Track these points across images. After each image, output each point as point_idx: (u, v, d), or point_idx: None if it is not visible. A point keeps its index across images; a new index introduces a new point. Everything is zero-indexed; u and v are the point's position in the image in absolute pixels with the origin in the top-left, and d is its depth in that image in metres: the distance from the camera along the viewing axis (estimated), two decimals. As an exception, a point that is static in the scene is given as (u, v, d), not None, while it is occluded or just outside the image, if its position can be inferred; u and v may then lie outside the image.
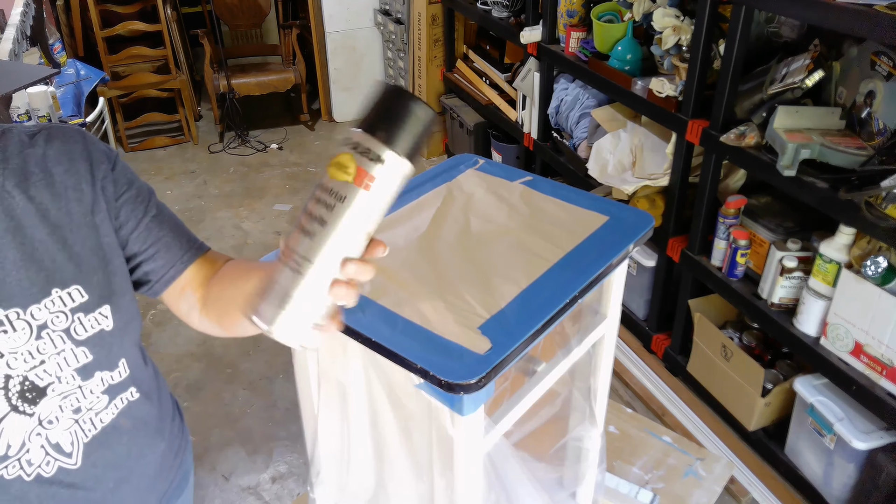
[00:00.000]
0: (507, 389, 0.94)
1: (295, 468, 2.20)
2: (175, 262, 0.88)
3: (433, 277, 0.89)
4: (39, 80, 0.76)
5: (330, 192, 0.53)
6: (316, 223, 0.53)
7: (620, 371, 2.47)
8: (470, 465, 0.83)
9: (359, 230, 0.54)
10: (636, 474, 1.43)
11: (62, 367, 0.78)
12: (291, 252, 0.54)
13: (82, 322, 0.79)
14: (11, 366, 0.74)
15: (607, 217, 1.01)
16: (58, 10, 4.16)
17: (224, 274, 0.87)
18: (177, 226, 0.90)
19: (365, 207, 0.54)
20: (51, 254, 0.76)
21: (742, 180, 2.17)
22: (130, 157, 4.28)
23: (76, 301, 0.78)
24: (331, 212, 0.53)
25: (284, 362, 2.61)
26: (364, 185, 0.53)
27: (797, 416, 1.91)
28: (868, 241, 1.65)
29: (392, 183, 0.55)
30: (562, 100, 2.79)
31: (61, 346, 0.78)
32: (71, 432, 0.82)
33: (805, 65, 1.75)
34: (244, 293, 0.75)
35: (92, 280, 0.80)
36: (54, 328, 0.77)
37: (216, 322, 0.87)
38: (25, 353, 0.75)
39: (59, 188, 0.77)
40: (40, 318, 0.75)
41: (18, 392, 0.76)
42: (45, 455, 0.80)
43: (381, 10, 4.29)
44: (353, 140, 0.54)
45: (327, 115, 4.70)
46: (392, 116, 0.54)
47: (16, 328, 0.74)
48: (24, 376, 0.76)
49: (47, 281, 0.76)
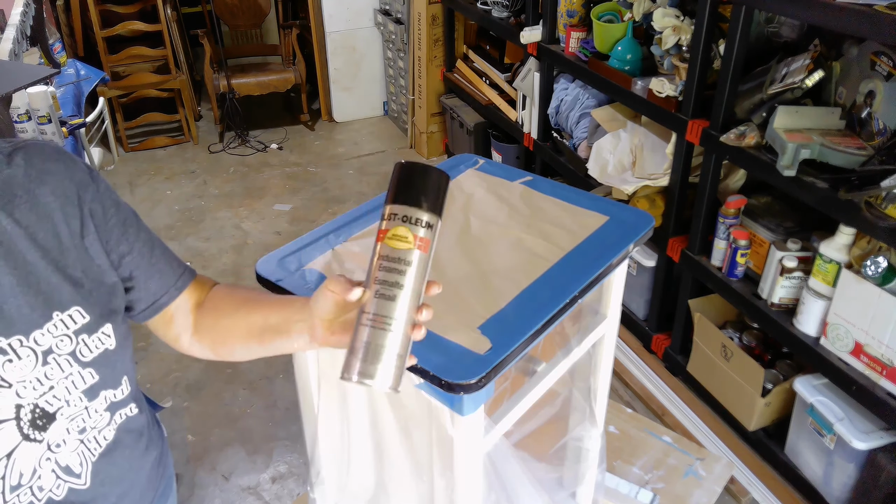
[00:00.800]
0: (507, 389, 0.94)
1: (295, 468, 2.20)
2: (168, 288, 0.87)
3: (433, 277, 0.89)
4: (39, 80, 0.76)
5: (398, 261, 0.65)
6: (394, 288, 0.65)
7: (620, 371, 2.47)
8: (470, 465, 0.83)
9: (423, 282, 0.67)
10: (636, 474, 1.43)
11: (70, 390, 0.77)
12: (377, 316, 0.65)
13: (87, 343, 0.77)
14: (21, 395, 0.72)
15: (607, 217, 1.01)
16: (58, 10, 4.16)
17: (217, 304, 0.89)
18: (165, 250, 0.89)
19: (425, 264, 0.67)
20: (46, 277, 0.74)
21: (742, 180, 2.17)
22: (130, 157, 4.28)
23: (78, 323, 0.77)
24: (403, 276, 0.65)
25: (284, 362, 2.61)
26: (421, 248, 0.66)
27: (797, 416, 1.91)
28: (868, 241, 1.65)
29: (436, 238, 0.68)
30: (562, 100, 2.79)
31: (68, 369, 0.76)
32: (78, 453, 0.81)
33: (805, 65, 1.75)
34: (247, 325, 0.83)
35: (90, 300, 0.78)
36: (60, 352, 0.75)
37: (209, 348, 0.90)
38: (34, 380, 0.73)
39: (44, 210, 0.74)
40: (44, 343, 0.73)
41: (30, 421, 0.74)
42: (56, 479, 0.79)
43: (381, 10, 4.29)
44: (399, 214, 0.66)
45: (327, 115, 4.70)
46: (424, 189, 0.67)
47: (20, 356, 0.72)
48: (34, 404, 0.74)
49: (47, 305, 0.74)
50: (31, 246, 0.73)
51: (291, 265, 0.93)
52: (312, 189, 3.91)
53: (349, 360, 0.66)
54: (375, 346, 0.65)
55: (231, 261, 3.26)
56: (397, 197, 0.66)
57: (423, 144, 4.16)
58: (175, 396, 2.48)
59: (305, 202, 3.77)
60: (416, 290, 0.66)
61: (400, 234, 0.65)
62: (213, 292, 0.90)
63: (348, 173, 4.08)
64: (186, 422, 2.37)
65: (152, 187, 3.94)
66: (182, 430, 2.34)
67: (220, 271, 3.18)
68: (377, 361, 0.65)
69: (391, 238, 0.65)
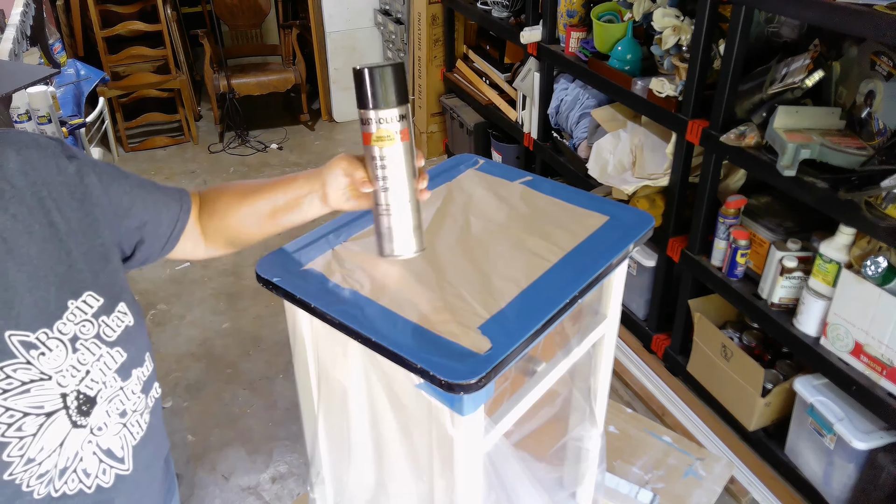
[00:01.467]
0: (507, 389, 0.94)
1: (295, 468, 2.20)
2: (178, 215, 0.93)
3: (433, 277, 0.89)
4: (39, 80, 0.76)
5: (389, 157, 0.77)
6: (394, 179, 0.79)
7: (620, 371, 2.47)
8: (470, 465, 0.83)
9: (413, 159, 0.80)
10: (636, 474, 1.42)
11: (104, 372, 0.78)
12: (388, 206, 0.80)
13: (108, 324, 0.79)
14: (62, 384, 0.74)
15: (607, 217, 1.01)
16: (58, 10, 4.16)
17: (217, 207, 0.95)
18: (154, 184, 0.93)
19: (410, 147, 0.79)
20: (51, 267, 0.74)
21: (742, 180, 2.17)
22: (130, 156, 4.28)
23: (94, 306, 0.78)
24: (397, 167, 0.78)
25: (284, 362, 2.61)
26: (403, 137, 0.78)
27: (797, 416, 1.91)
28: (868, 241, 1.65)
29: (410, 116, 0.79)
30: (562, 100, 2.79)
31: (98, 351, 0.77)
32: (120, 436, 0.82)
33: (805, 65, 1.75)
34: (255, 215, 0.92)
35: (99, 282, 0.79)
36: (85, 337, 0.76)
37: (223, 247, 0.99)
38: (70, 368, 0.74)
39: (32, 201, 0.74)
40: (68, 331, 0.75)
41: (76, 408, 0.75)
42: (100, 463, 0.80)
43: (381, 10, 4.29)
44: (374, 118, 0.76)
45: (327, 115, 4.70)
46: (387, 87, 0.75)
47: (50, 347, 0.73)
48: (76, 390, 0.75)
49: (60, 295, 0.75)
50: (30, 240, 0.73)
51: (291, 265, 0.93)
52: (312, 189, 3.90)
53: (380, 243, 0.83)
54: (395, 228, 0.81)
55: (231, 261, 3.26)
56: (368, 103, 0.76)
57: (424, 144, 4.16)
58: (175, 396, 2.48)
59: (305, 202, 3.77)
60: (410, 170, 0.80)
61: (382, 135, 0.77)
62: (207, 197, 0.96)
63: (348, 173, 4.07)
64: (186, 422, 2.37)
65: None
66: (182, 430, 2.34)
67: (220, 271, 3.18)
68: (401, 238, 0.82)
69: (377, 140, 0.77)
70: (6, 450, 0.69)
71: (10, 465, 0.70)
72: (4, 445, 0.69)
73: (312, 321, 0.93)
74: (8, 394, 0.69)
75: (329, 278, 0.89)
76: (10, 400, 0.69)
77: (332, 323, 0.83)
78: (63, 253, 0.76)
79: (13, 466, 0.70)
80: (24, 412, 0.70)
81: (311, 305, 0.85)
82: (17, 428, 0.70)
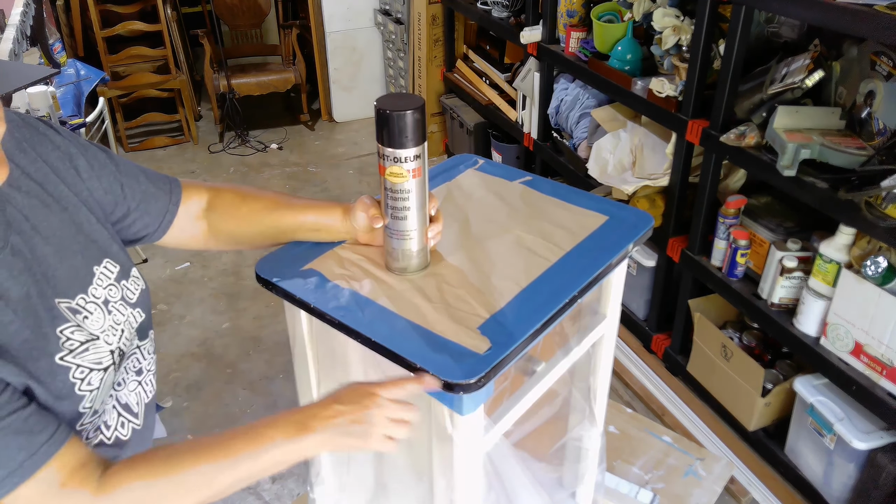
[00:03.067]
0: (507, 389, 0.94)
1: (295, 468, 2.20)
2: (167, 206, 0.94)
3: (433, 277, 0.89)
4: (39, 80, 0.76)
5: (399, 191, 0.83)
6: (403, 211, 0.84)
7: (620, 371, 2.47)
8: (470, 464, 0.83)
9: (425, 195, 0.85)
10: (636, 474, 1.42)
11: (131, 330, 0.85)
12: (396, 231, 0.86)
13: (128, 287, 0.86)
14: (109, 342, 0.81)
15: (607, 217, 1.01)
16: (58, 10, 4.16)
17: (238, 211, 0.97)
18: (145, 171, 0.94)
19: (422, 184, 0.84)
20: (72, 239, 0.79)
21: (742, 180, 2.17)
22: (130, 156, 4.28)
23: (113, 272, 0.84)
24: (406, 201, 0.83)
25: (284, 362, 2.61)
26: (416, 175, 0.82)
27: (797, 416, 1.91)
28: (868, 241, 1.65)
29: (425, 154, 0.82)
30: (562, 100, 2.79)
31: (126, 312, 0.85)
32: (136, 393, 0.88)
33: (805, 65, 1.75)
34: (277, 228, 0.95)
35: (112, 251, 0.85)
36: (114, 299, 0.83)
37: (229, 246, 1.01)
38: (109, 328, 0.81)
39: (37, 176, 0.78)
40: (100, 295, 0.81)
41: (120, 363, 0.83)
42: (118, 416, 0.85)
43: (381, 10, 4.29)
44: (390, 155, 0.80)
45: (327, 115, 4.70)
46: (405, 129, 0.79)
47: (90, 311, 0.79)
48: (118, 347, 0.82)
49: (85, 263, 0.80)
50: (49, 213, 0.78)
51: (291, 265, 0.93)
52: (312, 189, 3.91)
53: (388, 262, 0.89)
54: (402, 250, 0.87)
55: (231, 261, 3.26)
56: (384, 140, 0.80)
57: (423, 144, 4.15)
58: (175, 396, 2.48)
59: (305, 202, 3.77)
60: (421, 204, 0.84)
61: (395, 171, 0.81)
62: (226, 199, 0.97)
63: (348, 173, 4.08)
64: (186, 422, 2.37)
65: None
66: (182, 430, 2.34)
67: (220, 271, 3.18)
68: (405, 260, 0.88)
69: (389, 175, 0.82)
70: (82, 402, 0.76)
71: (83, 415, 0.76)
72: (81, 398, 0.76)
73: (312, 321, 0.93)
74: (74, 353, 0.75)
75: (329, 278, 0.89)
76: (77, 358, 0.75)
77: (332, 323, 0.83)
78: (75, 225, 0.81)
79: (84, 417, 0.77)
80: (91, 367, 0.77)
81: (311, 305, 0.85)
82: (87, 382, 0.76)
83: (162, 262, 3.24)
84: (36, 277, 0.73)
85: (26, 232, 0.74)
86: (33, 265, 0.74)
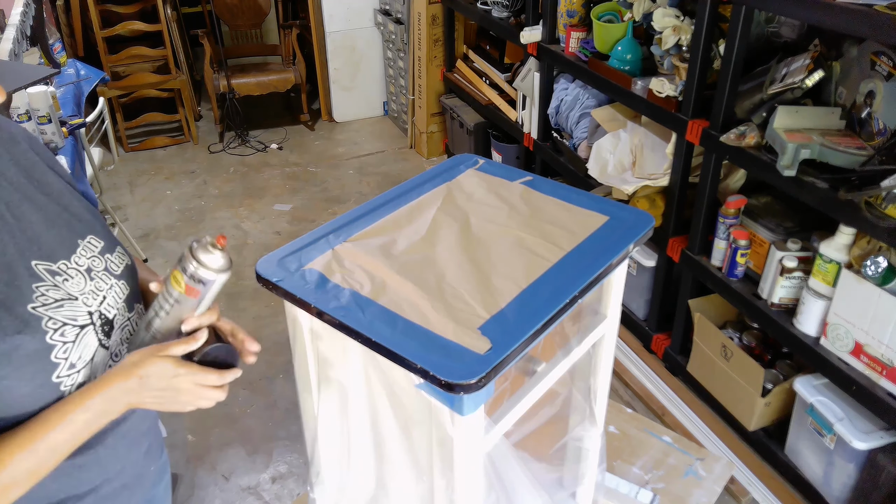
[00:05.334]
0: (507, 389, 0.94)
1: (295, 468, 2.20)
2: None
3: (433, 277, 0.89)
4: (39, 80, 0.77)
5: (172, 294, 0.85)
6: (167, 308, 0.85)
7: (620, 371, 2.47)
8: (470, 465, 0.83)
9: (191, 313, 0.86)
10: (636, 474, 1.42)
11: (117, 300, 0.90)
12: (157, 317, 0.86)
13: (112, 260, 0.91)
14: (87, 304, 0.85)
15: (607, 217, 1.01)
16: (58, 10, 4.16)
17: None
18: None
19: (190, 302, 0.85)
20: (59, 213, 0.87)
21: (742, 180, 2.17)
22: (130, 156, 4.28)
23: (98, 246, 0.90)
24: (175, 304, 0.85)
25: (284, 362, 2.61)
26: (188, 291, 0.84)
27: (797, 416, 1.91)
28: (868, 241, 1.65)
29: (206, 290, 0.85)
30: (562, 100, 2.79)
31: (109, 281, 0.89)
32: None
33: (805, 65, 1.75)
34: None
35: (96, 229, 0.91)
36: (97, 269, 0.88)
37: None
38: (89, 292, 0.86)
39: (23, 163, 0.86)
40: (83, 263, 0.87)
41: (101, 326, 0.86)
42: None
43: (381, 10, 4.29)
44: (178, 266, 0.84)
45: (327, 115, 4.70)
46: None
47: (71, 276, 0.84)
48: (98, 311, 0.86)
49: (70, 234, 0.87)
50: (37, 191, 0.86)
51: (291, 265, 0.93)
52: (312, 189, 3.91)
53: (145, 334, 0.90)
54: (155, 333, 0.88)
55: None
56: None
57: (423, 144, 4.16)
58: (175, 396, 2.48)
59: (305, 202, 3.77)
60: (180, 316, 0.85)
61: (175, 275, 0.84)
62: None
63: (348, 173, 4.08)
64: (186, 422, 2.37)
65: (152, 187, 3.94)
66: (182, 430, 2.34)
67: (220, 271, 3.17)
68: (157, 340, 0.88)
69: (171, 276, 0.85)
70: (54, 350, 0.80)
71: (57, 366, 0.81)
72: (52, 347, 0.80)
73: (312, 321, 0.93)
74: (48, 307, 0.81)
75: (329, 278, 0.89)
76: (50, 311, 0.81)
77: (332, 323, 0.83)
78: (63, 204, 0.88)
79: (59, 368, 0.81)
80: (63, 322, 0.82)
81: (311, 305, 0.85)
82: (61, 333, 0.81)
83: (162, 262, 3.24)
84: (17, 239, 0.81)
85: (14, 202, 0.82)
86: (15, 229, 0.81)
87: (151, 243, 3.40)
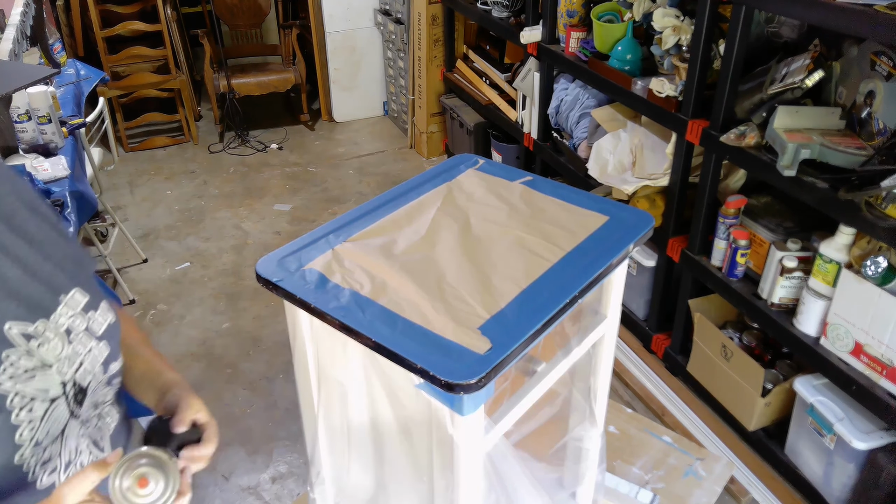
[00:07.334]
0: (507, 389, 0.94)
1: (295, 468, 2.20)
2: None
3: (433, 277, 0.89)
4: (39, 80, 0.76)
5: None
6: None
7: (620, 371, 2.47)
8: (470, 465, 0.83)
9: None
10: (636, 474, 1.42)
11: (94, 363, 0.82)
12: None
13: (95, 318, 0.83)
14: (63, 372, 0.77)
15: (607, 217, 1.01)
16: (58, 10, 4.16)
17: None
18: None
19: None
20: (40, 266, 0.78)
21: (742, 180, 2.17)
22: (130, 156, 4.28)
23: (81, 301, 0.81)
24: None
25: (284, 362, 2.61)
26: None
27: (797, 416, 1.91)
28: (868, 241, 1.65)
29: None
30: (562, 100, 2.79)
31: (89, 343, 0.81)
32: (100, 427, 0.86)
33: (805, 65, 1.75)
34: None
35: (81, 280, 0.83)
36: (77, 330, 0.80)
37: None
38: (66, 358, 0.78)
39: (5, 210, 0.77)
40: (63, 323, 0.78)
41: (73, 396, 0.79)
42: (90, 454, 0.83)
43: (381, 10, 4.30)
44: None
45: (327, 115, 4.70)
46: None
47: (49, 338, 0.76)
48: (73, 380, 0.79)
49: (52, 290, 0.78)
50: (18, 240, 0.76)
51: (291, 265, 0.93)
52: (312, 189, 3.91)
53: None
54: None
55: (231, 261, 3.26)
56: None
57: (423, 144, 4.16)
58: (175, 396, 2.48)
59: (305, 202, 3.77)
60: None
61: None
62: None
63: (348, 173, 4.08)
64: (186, 422, 2.37)
65: (152, 187, 3.94)
66: (182, 430, 2.34)
67: (220, 271, 3.18)
68: None
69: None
70: (18, 431, 0.72)
71: (21, 447, 0.73)
72: (16, 427, 0.72)
73: (312, 321, 0.93)
74: (16, 379, 0.72)
75: (329, 278, 0.89)
76: (18, 384, 0.72)
77: (332, 323, 0.83)
78: (46, 254, 0.79)
79: (23, 449, 0.73)
80: (32, 396, 0.74)
81: (311, 305, 0.85)
82: (28, 409, 0.73)
83: (162, 262, 3.24)
84: None
85: None
86: None
87: (151, 243, 3.40)
